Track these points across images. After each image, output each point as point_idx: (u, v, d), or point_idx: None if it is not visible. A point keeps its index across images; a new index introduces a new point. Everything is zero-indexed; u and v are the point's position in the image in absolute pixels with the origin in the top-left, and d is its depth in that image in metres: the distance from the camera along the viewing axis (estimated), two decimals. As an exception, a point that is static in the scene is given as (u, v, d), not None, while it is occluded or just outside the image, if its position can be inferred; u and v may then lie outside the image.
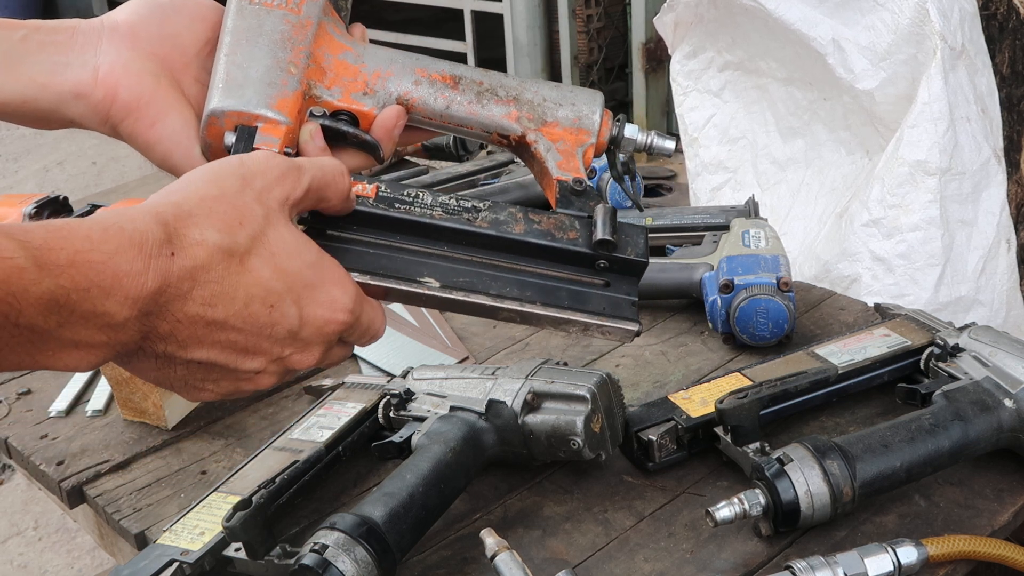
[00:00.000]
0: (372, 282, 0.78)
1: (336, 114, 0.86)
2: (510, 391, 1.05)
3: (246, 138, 0.81)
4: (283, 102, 0.82)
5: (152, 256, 0.61)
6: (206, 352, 0.66)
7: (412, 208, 0.80)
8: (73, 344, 0.59)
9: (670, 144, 0.93)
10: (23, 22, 0.79)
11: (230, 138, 0.81)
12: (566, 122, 0.89)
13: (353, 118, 0.86)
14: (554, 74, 4.55)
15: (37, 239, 0.57)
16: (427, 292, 0.80)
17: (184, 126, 0.82)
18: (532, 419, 1.04)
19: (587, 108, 0.89)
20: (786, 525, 0.97)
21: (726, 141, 2.41)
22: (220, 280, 0.64)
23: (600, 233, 0.81)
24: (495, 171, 1.80)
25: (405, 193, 0.81)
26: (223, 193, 0.66)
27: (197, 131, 0.83)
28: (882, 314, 1.31)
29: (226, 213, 0.65)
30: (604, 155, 0.92)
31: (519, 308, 0.81)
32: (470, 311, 0.82)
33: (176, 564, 0.94)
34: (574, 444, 1.02)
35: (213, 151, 0.83)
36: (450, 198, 0.82)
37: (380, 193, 0.80)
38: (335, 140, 0.85)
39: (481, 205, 0.82)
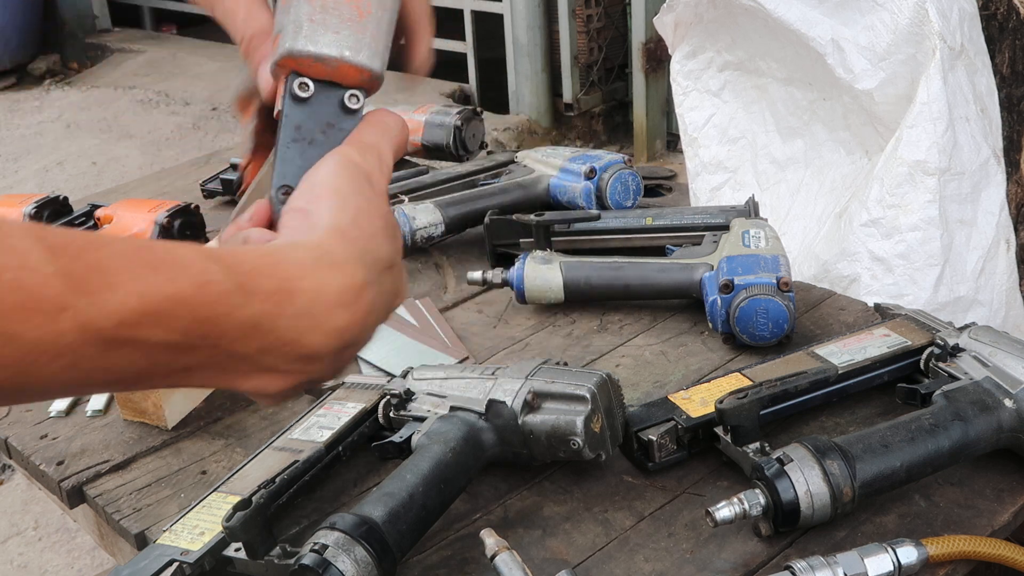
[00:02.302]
0: None
1: None
2: (510, 391, 1.05)
3: None
4: None
5: (363, 285, 0.62)
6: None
7: None
8: (268, 370, 0.59)
9: None
10: None
11: None
12: None
13: None
14: (554, 74, 4.55)
15: (247, 264, 0.57)
16: None
17: None
18: (532, 419, 1.04)
19: None
20: (786, 525, 0.97)
21: (726, 141, 2.41)
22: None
23: None
24: (495, 171, 1.80)
25: None
26: (359, 191, 0.67)
27: None
28: (882, 314, 1.31)
29: (370, 224, 0.65)
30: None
31: None
32: None
33: (176, 564, 0.94)
34: (574, 444, 1.02)
35: None
36: None
37: None
38: None
39: None
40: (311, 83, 0.70)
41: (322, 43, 0.69)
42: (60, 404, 1.30)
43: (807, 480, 0.96)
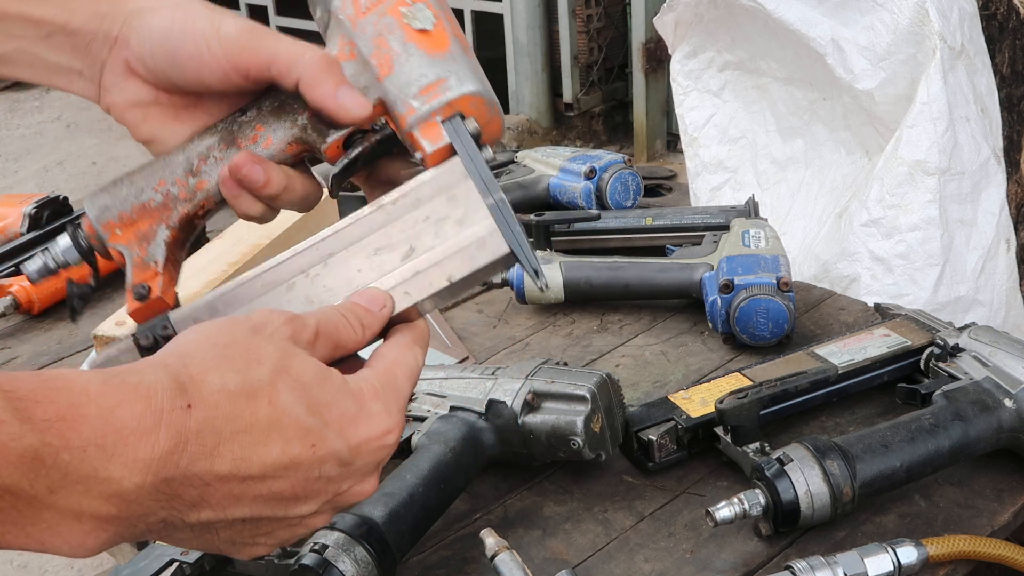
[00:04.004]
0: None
1: None
2: (510, 391, 1.05)
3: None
4: None
5: (164, 410, 0.53)
6: (248, 509, 0.58)
7: None
8: (73, 515, 0.52)
9: None
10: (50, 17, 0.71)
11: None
12: None
13: None
14: (554, 74, 4.55)
15: (23, 389, 0.50)
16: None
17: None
18: (532, 419, 1.04)
19: None
20: (786, 525, 0.97)
21: (726, 141, 2.41)
22: (249, 428, 0.56)
23: None
24: (495, 171, 1.80)
25: None
26: (234, 340, 0.59)
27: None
28: (882, 314, 1.31)
29: (241, 357, 0.58)
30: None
31: None
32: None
33: (176, 564, 0.94)
34: (574, 444, 1.02)
35: None
36: None
37: None
38: None
39: None
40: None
41: (477, 83, 0.68)
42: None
43: (807, 480, 0.96)
